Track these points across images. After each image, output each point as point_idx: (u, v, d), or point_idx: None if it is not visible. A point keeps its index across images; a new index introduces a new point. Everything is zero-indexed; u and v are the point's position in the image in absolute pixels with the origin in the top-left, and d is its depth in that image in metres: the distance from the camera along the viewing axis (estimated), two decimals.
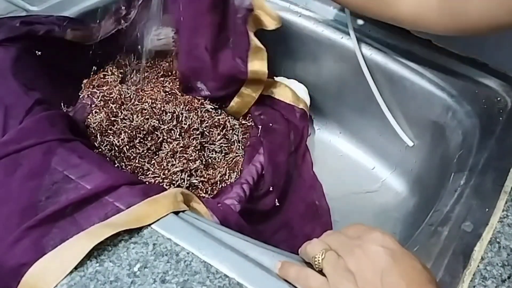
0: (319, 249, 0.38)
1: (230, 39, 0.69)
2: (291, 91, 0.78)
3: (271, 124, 0.73)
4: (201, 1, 0.66)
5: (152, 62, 0.77)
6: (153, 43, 0.74)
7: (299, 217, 0.68)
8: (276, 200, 0.65)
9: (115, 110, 0.66)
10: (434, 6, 0.53)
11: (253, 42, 0.67)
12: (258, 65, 0.69)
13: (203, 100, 0.71)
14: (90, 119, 0.65)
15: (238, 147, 0.70)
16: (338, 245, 0.37)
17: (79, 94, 0.69)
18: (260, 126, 0.72)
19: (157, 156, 0.65)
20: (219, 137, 0.69)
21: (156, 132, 0.65)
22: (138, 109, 0.66)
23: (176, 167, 0.63)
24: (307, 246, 0.40)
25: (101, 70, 0.73)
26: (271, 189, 0.65)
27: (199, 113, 0.69)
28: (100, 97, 0.68)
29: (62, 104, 0.64)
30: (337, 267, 0.36)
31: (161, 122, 0.65)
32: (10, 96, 0.54)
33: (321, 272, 0.38)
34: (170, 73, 0.76)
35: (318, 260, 0.38)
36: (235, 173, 0.66)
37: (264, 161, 0.67)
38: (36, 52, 0.62)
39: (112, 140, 0.63)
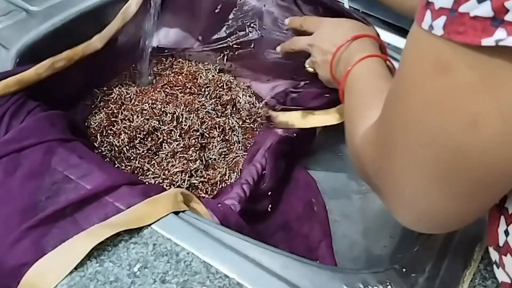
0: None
1: None
2: None
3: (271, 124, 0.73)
4: None
5: (152, 63, 0.77)
6: (153, 44, 0.74)
7: (297, 218, 0.68)
8: (269, 205, 0.65)
9: (115, 111, 0.66)
10: None
11: None
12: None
13: (203, 101, 0.71)
14: (90, 120, 0.65)
15: (238, 148, 0.70)
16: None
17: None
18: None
19: (157, 157, 0.65)
20: (219, 138, 0.69)
21: (156, 133, 0.65)
22: (138, 109, 0.66)
23: (176, 168, 0.63)
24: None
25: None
26: (270, 190, 0.65)
27: (199, 114, 0.69)
28: (100, 97, 0.68)
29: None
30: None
31: (161, 123, 0.65)
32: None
33: None
34: (170, 74, 0.76)
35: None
36: (235, 173, 0.66)
37: (264, 162, 0.66)
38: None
39: (112, 140, 0.63)
